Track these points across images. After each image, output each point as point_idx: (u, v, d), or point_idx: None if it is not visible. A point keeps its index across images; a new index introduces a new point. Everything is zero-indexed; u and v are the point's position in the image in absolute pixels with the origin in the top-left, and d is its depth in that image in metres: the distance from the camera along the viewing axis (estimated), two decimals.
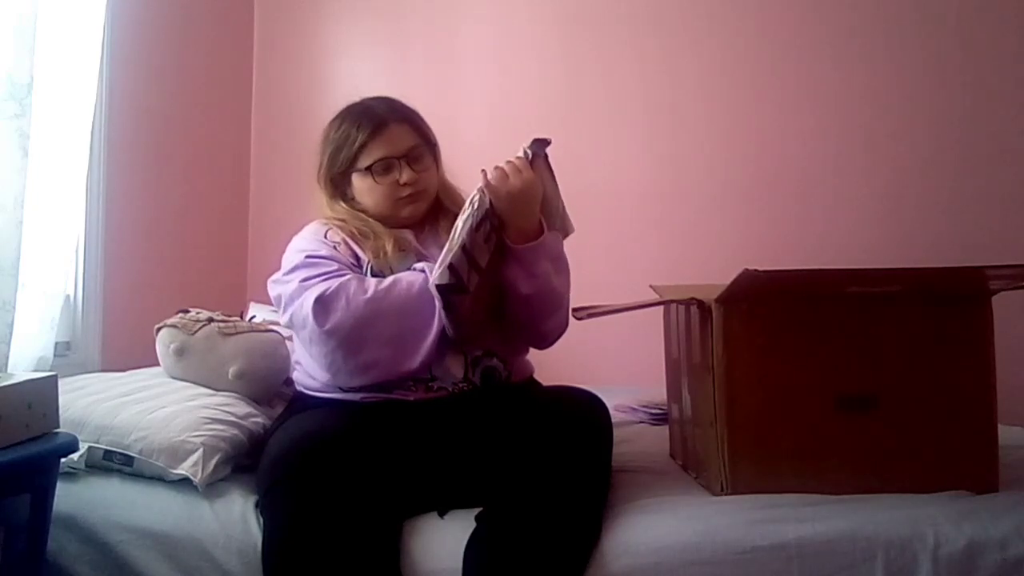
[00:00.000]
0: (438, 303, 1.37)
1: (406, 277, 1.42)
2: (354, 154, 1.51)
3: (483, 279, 1.39)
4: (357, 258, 1.49)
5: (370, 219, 1.53)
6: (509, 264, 1.42)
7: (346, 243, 1.50)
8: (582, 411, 1.39)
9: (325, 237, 1.51)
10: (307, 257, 1.46)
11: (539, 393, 1.51)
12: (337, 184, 1.55)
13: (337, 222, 1.54)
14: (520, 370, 1.53)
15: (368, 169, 1.50)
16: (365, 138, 1.50)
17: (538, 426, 1.33)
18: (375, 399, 1.41)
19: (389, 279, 1.42)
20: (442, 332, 1.38)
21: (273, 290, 1.49)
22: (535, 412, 1.37)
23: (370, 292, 1.38)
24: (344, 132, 1.53)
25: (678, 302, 1.51)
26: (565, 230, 1.53)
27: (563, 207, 1.52)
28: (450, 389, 1.43)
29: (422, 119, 1.57)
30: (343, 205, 1.55)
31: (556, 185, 1.49)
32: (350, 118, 1.54)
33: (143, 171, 2.39)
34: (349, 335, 1.37)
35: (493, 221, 1.39)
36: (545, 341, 1.52)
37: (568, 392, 1.47)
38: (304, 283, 1.41)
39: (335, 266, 1.44)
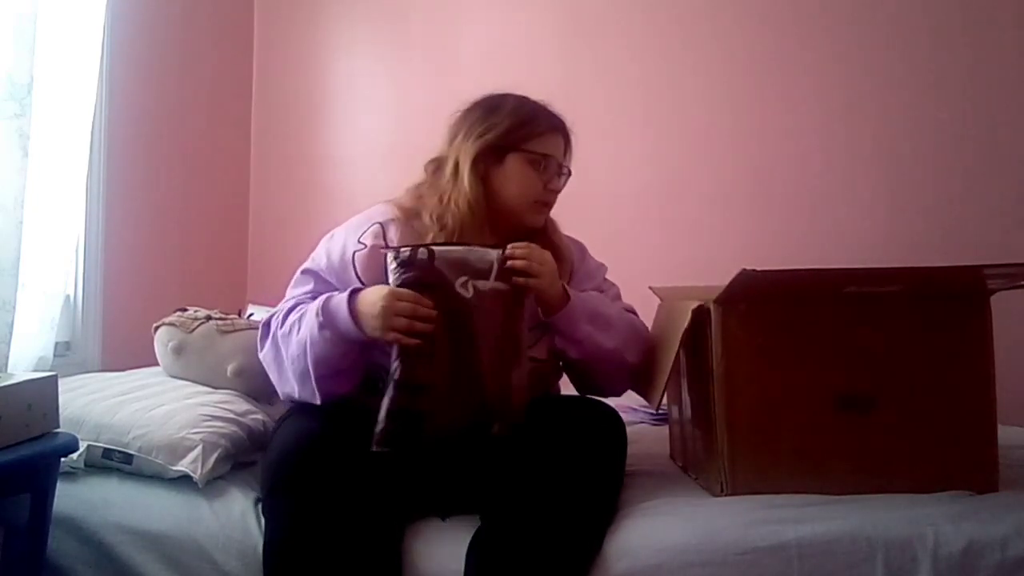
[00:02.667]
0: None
1: (306, 319, 1.36)
2: (531, 134, 1.49)
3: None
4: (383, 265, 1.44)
5: (474, 214, 1.44)
6: (553, 334, 1.44)
7: (380, 248, 1.43)
8: (593, 420, 1.38)
9: (360, 239, 1.45)
10: (301, 273, 1.49)
11: (552, 402, 1.49)
12: (492, 154, 1.48)
13: (406, 209, 1.48)
14: (542, 391, 1.51)
15: (537, 155, 1.48)
16: (548, 129, 1.51)
17: (546, 433, 1.32)
18: None
19: (300, 315, 1.38)
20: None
21: None
22: (544, 419, 1.36)
23: (282, 328, 1.40)
24: (532, 112, 1.52)
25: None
26: None
27: None
28: None
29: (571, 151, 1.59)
30: (469, 183, 1.45)
31: None
32: (535, 105, 1.53)
33: (143, 171, 2.39)
34: (270, 367, 1.44)
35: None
36: (614, 393, 1.53)
37: (582, 401, 1.46)
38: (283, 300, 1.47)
39: (309, 287, 1.45)
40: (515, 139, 1.48)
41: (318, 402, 1.37)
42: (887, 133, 2.38)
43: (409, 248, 1.30)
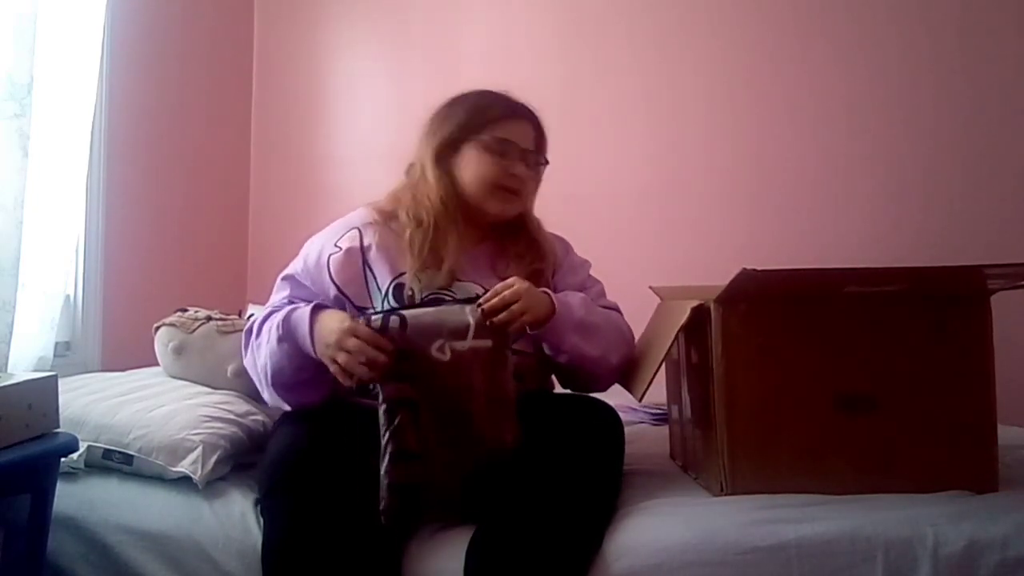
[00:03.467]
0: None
1: (271, 330, 1.38)
2: (485, 122, 1.49)
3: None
4: (364, 270, 1.45)
5: (445, 207, 1.46)
6: (542, 340, 1.44)
7: (356, 252, 1.46)
8: (592, 419, 1.38)
9: (336, 243, 1.47)
10: (281, 279, 1.51)
11: (550, 400, 1.49)
12: (449, 147, 1.50)
13: (384, 212, 1.50)
14: (536, 384, 1.52)
15: (493, 140, 1.48)
16: (502, 113, 1.50)
17: (545, 432, 1.32)
18: None
19: (271, 325, 1.40)
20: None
21: None
22: (543, 418, 1.36)
23: (257, 339, 1.42)
24: (488, 101, 1.52)
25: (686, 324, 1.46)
26: None
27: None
28: None
29: (546, 143, 1.57)
30: (435, 177, 1.48)
31: None
32: (494, 94, 1.54)
33: (143, 171, 2.39)
34: (252, 373, 1.46)
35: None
36: (597, 390, 1.53)
37: (579, 400, 1.46)
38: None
39: (286, 293, 1.49)
40: (470, 128, 1.50)
41: (289, 409, 1.41)
42: (887, 133, 2.38)
43: (380, 315, 1.29)
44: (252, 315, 1.92)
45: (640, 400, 1.43)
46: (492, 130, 1.48)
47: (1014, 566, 1.15)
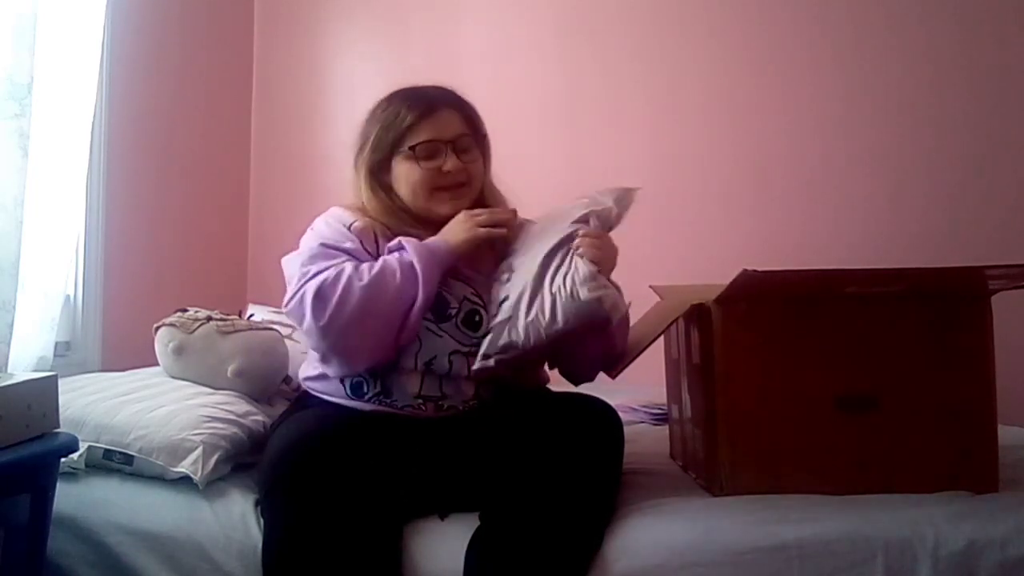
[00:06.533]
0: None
1: (390, 265, 1.36)
2: (401, 134, 1.44)
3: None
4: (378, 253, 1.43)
5: (407, 216, 1.47)
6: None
7: (373, 234, 1.44)
8: (591, 417, 1.38)
9: (350, 228, 1.44)
10: (322, 245, 1.41)
11: (549, 399, 1.48)
12: (376, 172, 1.48)
13: (365, 218, 1.48)
14: (532, 381, 1.52)
15: (412, 149, 1.44)
16: (414, 119, 1.44)
17: (544, 430, 1.32)
18: (383, 412, 1.40)
19: (377, 265, 1.37)
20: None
21: (287, 269, 1.44)
22: (542, 417, 1.36)
23: (364, 279, 1.34)
24: (393, 111, 1.47)
25: (682, 317, 1.47)
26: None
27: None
28: (460, 408, 1.41)
29: (474, 111, 1.52)
30: (382, 196, 1.47)
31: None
32: (400, 98, 1.49)
33: (143, 171, 2.39)
34: (345, 324, 1.33)
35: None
36: (588, 380, 1.53)
37: (578, 398, 1.46)
38: (307, 274, 1.37)
39: (338, 259, 1.39)
40: (390, 144, 1.46)
41: (392, 357, 1.37)
42: (887, 133, 2.38)
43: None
44: (252, 315, 1.92)
45: (614, 378, 1.44)
46: (411, 137, 1.44)
47: (1014, 566, 1.16)
